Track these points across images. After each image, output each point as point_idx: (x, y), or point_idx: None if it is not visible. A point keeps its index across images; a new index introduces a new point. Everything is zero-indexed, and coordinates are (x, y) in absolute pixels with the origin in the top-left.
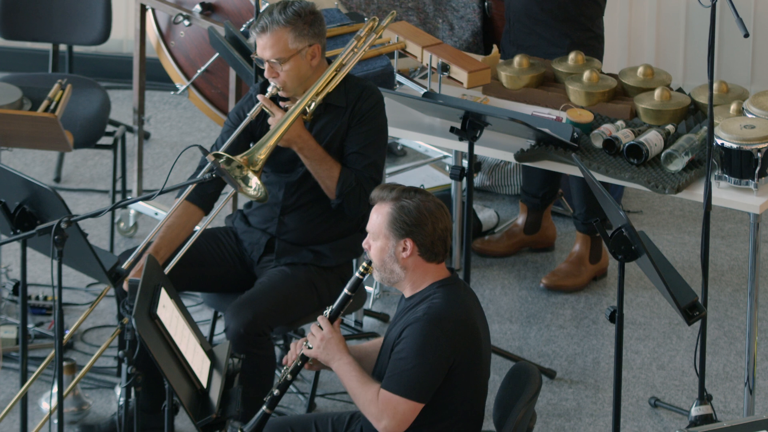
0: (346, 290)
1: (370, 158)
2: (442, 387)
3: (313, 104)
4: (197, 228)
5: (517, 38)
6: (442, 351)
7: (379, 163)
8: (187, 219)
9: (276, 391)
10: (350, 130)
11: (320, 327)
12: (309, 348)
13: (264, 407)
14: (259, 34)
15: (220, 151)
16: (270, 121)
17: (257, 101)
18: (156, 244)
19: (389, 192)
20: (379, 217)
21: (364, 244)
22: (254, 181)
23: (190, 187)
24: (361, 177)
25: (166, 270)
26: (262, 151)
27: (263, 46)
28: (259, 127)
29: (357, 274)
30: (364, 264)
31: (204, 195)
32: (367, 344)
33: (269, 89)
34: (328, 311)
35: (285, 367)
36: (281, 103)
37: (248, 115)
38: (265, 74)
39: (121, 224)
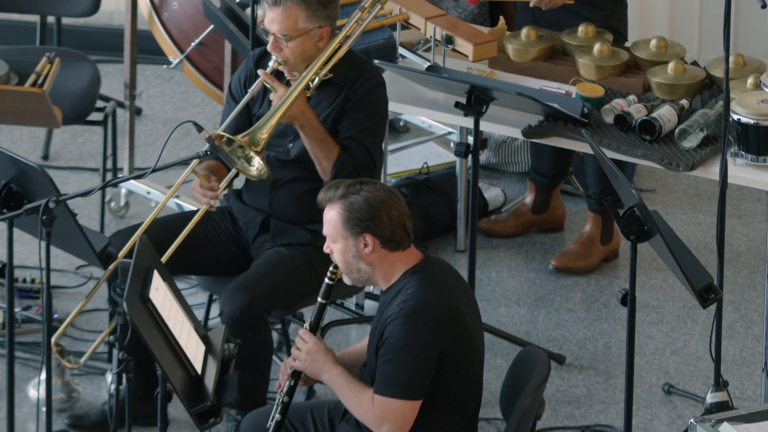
0: (319, 299)
1: (365, 144)
2: (436, 378)
3: (317, 79)
4: (192, 207)
5: (542, 15)
6: (426, 343)
7: (373, 150)
8: (220, 167)
9: (278, 416)
10: (345, 114)
11: (304, 341)
12: (296, 361)
13: None
14: (270, 5)
15: (220, 131)
16: (272, 96)
17: (257, 76)
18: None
19: (335, 191)
20: (332, 219)
21: (326, 249)
22: (257, 161)
23: (191, 168)
24: (357, 163)
25: (165, 257)
26: (264, 131)
27: (272, 18)
28: (257, 100)
29: (326, 281)
30: (331, 269)
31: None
32: (358, 347)
33: (270, 63)
34: (307, 324)
35: (279, 391)
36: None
37: (248, 91)
38: (269, 47)
39: (112, 204)
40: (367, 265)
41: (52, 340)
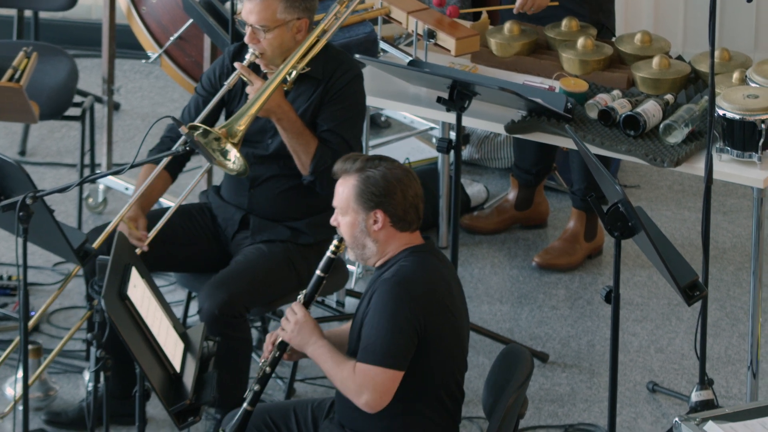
0: (318, 272)
1: (344, 137)
2: (416, 362)
3: (294, 72)
4: (172, 204)
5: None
6: (411, 314)
7: (353, 142)
8: (155, 187)
9: (256, 387)
10: (323, 107)
11: (294, 312)
12: (284, 331)
13: (245, 404)
14: None
15: (196, 123)
16: (248, 90)
17: (234, 69)
18: (132, 214)
19: (352, 163)
20: (345, 191)
21: (333, 221)
22: (233, 153)
23: (165, 161)
24: (336, 156)
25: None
26: (241, 122)
27: (250, 9)
28: (234, 96)
29: (328, 254)
30: (335, 242)
31: (172, 161)
32: (345, 327)
33: (247, 56)
34: (302, 296)
35: (263, 361)
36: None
37: (225, 83)
38: (246, 39)
39: (90, 200)
40: (374, 242)
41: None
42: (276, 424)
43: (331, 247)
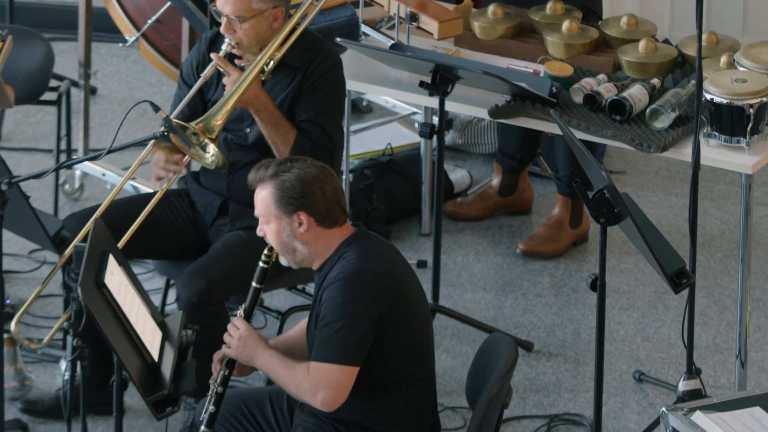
0: (254, 283)
1: (323, 126)
2: (379, 349)
3: (271, 62)
4: (150, 190)
5: None
6: (365, 307)
7: (332, 132)
8: None
9: (212, 408)
10: (301, 97)
11: (236, 327)
12: (228, 348)
13: (202, 427)
14: None
15: (172, 118)
16: (225, 81)
17: (210, 59)
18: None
19: (265, 170)
20: (263, 199)
21: (259, 232)
22: (211, 148)
23: (148, 149)
24: (315, 146)
25: (121, 243)
26: (218, 117)
27: (225, 0)
28: (210, 84)
29: (261, 264)
30: (266, 251)
31: None
32: (292, 332)
33: (223, 47)
34: (241, 310)
35: (212, 381)
36: (237, 62)
37: (201, 75)
38: (222, 29)
39: (66, 186)
40: (303, 244)
41: (12, 324)
42: (251, 411)
43: (263, 257)
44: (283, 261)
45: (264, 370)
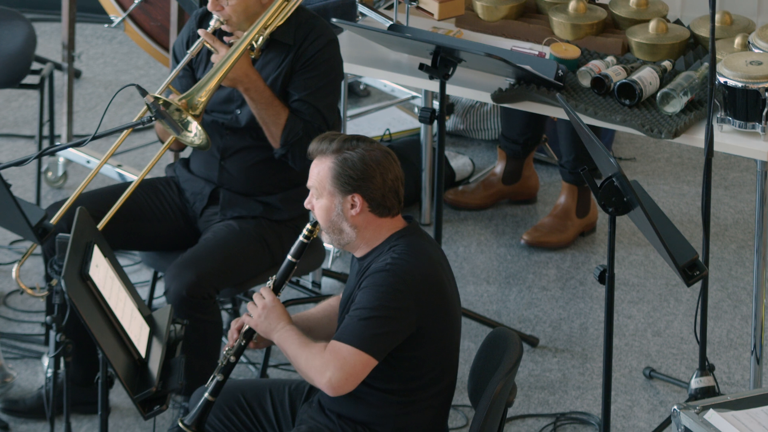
0: (289, 257)
1: (317, 106)
2: (410, 351)
3: (261, 39)
4: (135, 177)
5: None
6: (405, 306)
7: (327, 113)
8: None
9: (219, 377)
10: (295, 75)
11: (262, 297)
12: (249, 317)
13: (206, 394)
14: None
15: (156, 94)
16: (213, 58)
17: (198, 36)
18: None
19: (329, 143)
20: (320, 173)
21: (307, 204)
22: (194, 126)
23: (126, 132)
24: (308, 127)
25: (99, 226)
26: (202, 94)
27: None
28: (200, 63)
29: (301, 238)
30: (309, 226)
31: None
32: (315, 311)
33: (211, 23)
34: (271, 281)
35: (227, 349)
36: (225, 39)
37: (188, 52)
38: (209, 6)
39: (49, 174)
40: (352, 227)
41: None
42: (250, 404)
43: (305, 232)
44: (326, 239)
45: (279, 344)
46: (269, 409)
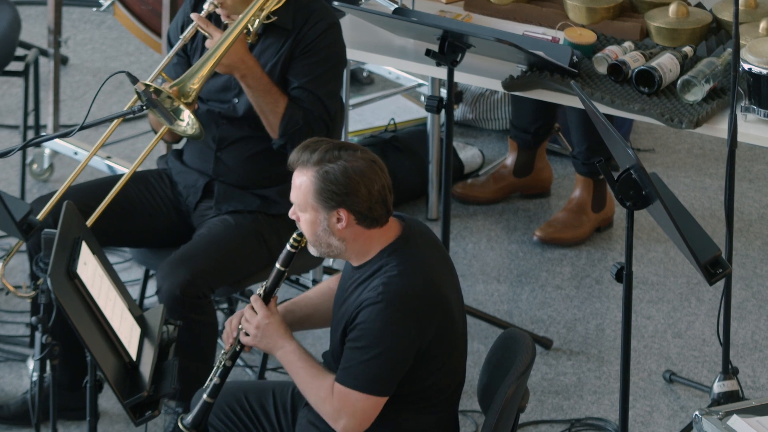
0: (278, 265)
1: (318, 94)
2: (414, 371)
3: (257, 22)
4: (125, 170)
5: None
6: (407, 336)
7: (328, 101)
8: None
9: (216, 380)
10: (294, 62)
11: (254, 312)
12: (246, 335)
13: (204, 396)
14: None
15: (148, 81)
16: (207, 43)
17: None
18: None
19: (309, 154)
20: (302, 186)
21: (291, 215)
22: (186, 114)
23: (116, 122)
24: (308, 116)
25: (88, 221)
26: (195, 80)
27: None
28: (195, 50)
29: (288, 248)
30: (295, 236)
31: None
32: (314, 294)
33: (205, 6)
34: (261, 290)
35: (222, 352)
36: (224, 20)
37: (180, 37)
38: None
39: (34, 166)
40: (339, 240)
41: None
42: (251, 405)
43: (291, 241)
44: (314, 251)
45: (283, 365)
46: (271, 411)
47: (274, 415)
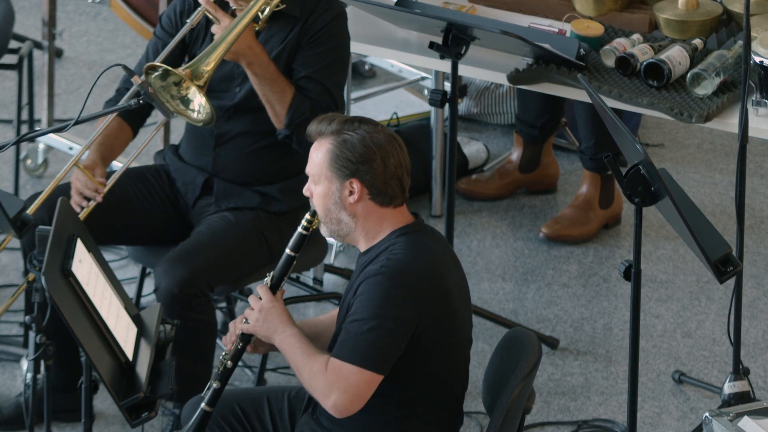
0: (288, 250)
1: (325, 84)
2: (409, 358)
3: (267, 9)
4: (120, 165)
5: None
6: (404, 311)
7: (335, 91)
8: (117, 136)
9: (216, 384)
10: (301, 50)
11: (259, 297)
12: (247, 323)
13: (203, 404)
14: None
15: (156, 63)
16: (214, 29)
17: (198, 5)
18: (89, 162)
19: (328, 124)
20: (318, 156)
21: (305, 191)
22: (198, 99)
23: (111, 117)
24: (315, 106)
25: (82, 218)
26: (209, 62)
27: None
28: (197, 38)
29: (300, 229)
30: (308, 216)
31: (132, 112)
32: (324, 317)
33: None
34: (268, 278)
35: (224, 353)
36: (231, 4)
37: (188, 21)
38: None
39: (28, 161)
40: (350, 216)
41: None
42: (246, 415)
43: (303, 222)
44: (324, 231)
45: (281, 349)
46: (267, 420)
47: (270, 422)
